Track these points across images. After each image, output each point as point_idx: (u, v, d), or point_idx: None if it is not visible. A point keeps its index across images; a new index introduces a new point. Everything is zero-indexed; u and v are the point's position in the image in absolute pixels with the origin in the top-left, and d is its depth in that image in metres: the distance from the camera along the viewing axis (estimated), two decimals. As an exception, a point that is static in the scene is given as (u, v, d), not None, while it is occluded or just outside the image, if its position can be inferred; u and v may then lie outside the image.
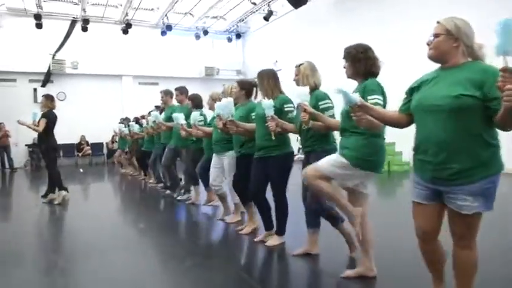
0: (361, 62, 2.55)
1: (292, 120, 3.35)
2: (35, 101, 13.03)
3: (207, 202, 5.52)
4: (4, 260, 3.48)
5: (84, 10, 12.66)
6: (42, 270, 3.31)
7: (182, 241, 4.00)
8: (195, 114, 4.83)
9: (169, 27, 13.86)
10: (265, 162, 3.51)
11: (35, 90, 13.53)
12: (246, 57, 16.58)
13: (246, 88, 4.03)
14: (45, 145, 6.02)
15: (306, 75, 3.16)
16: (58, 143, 6.24)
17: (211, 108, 5.05)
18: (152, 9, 14.18)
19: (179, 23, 14.55)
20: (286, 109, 3.42)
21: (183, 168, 6.07)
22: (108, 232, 4.45)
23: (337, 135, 3.00)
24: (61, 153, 13.59)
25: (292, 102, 3.48)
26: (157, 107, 6.74)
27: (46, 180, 6.31)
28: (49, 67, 13.55)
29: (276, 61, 13.51)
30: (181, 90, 6.03)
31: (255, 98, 4.05)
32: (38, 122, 5.92)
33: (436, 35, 1.92)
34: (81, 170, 12.52)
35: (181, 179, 6.41)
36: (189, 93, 5.91)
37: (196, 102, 5.41)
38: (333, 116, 3.00)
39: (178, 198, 6.09)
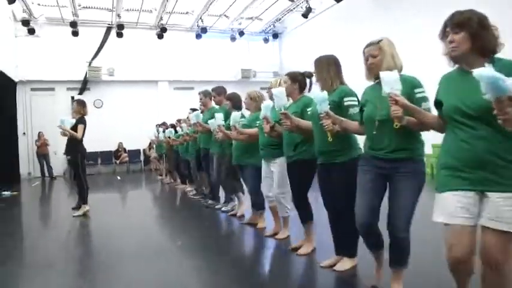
0: (488, 33, 1.75)
1: (354, 117, 2.70)
2: (73, 109, 13.02)
3: (249, 221, 4.70)
4: (38, 265, 3.51)
5: (118, 16, 12.51)
6: (73, 276, 3.26)
7: (226, 265, 3.36)
8: (235, 115, 4.26)
9: (204, 30, 13.53)
10: (328, 170, 2.91)
11: (72, 98, 13.50)
12: (283, 58, 15.96)
13: (299, 80, 3.43)
14: (77, 153, 5.68)
15: (391, 54, 2.37)
16: (96, 150, 5.97)
17: (249, 108, 4.50)
18: (187, 13, 13.89)
19: (214, 26, 14.19)
20: (346, 103, 2.78)
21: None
22: (143, 245, 4.02)
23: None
24: (99, 161, 13.64)
25: (355, 95, 2.86)
26: (193, 110, 6.27)
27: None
28: (86, 75, 13.53)
29: (315, 61, 12.86)
30: (219, 91, 5.54)
31: (309, 91, 3.46)
32: (75, 128, 5.61)
33: None
34: (119, 178, 12.35)
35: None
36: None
37: (235, 102, 4.87)
38: (429, 110, 2.22)
39: (223, 209, 5.57)
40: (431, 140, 2.67)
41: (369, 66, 2.43)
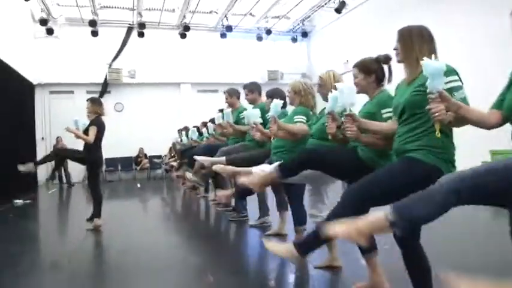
0: None
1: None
2: (93, 112, 12.49)
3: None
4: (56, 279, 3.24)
5: (140, 14, 11.92)
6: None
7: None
8: (276, 103, 3.39)
9: (229, 29, 12.78)
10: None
11: (91, 101, 13.00)
12: (312, 58, 15.08)
13: (375, 71, 2.51)
14: (90, 158, 4.94)
15: None
16: (116, 156, 5.24)
17: (292, 103, 3.65)
18: (210, 12, 13.24)
19: (239, 25, 13.45)
20: (448, 85, 1.82)
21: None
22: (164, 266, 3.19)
23: None
24: (119, 167, 13.04)
25: (457, 74, 1.94)
26: (220, 111, 5.48)
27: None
28: (106, 77, 12.99)
29: (347, 61, 11.94)
30: (252, 88, 4.70)
31: (389, 81, 2.56)
32: (87, 130, 4.90)
33: None
34: (139, 185, 11.68)
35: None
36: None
37: (278, 99, 4.03)
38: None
39: (252, 223, 4.76)
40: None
41: None
